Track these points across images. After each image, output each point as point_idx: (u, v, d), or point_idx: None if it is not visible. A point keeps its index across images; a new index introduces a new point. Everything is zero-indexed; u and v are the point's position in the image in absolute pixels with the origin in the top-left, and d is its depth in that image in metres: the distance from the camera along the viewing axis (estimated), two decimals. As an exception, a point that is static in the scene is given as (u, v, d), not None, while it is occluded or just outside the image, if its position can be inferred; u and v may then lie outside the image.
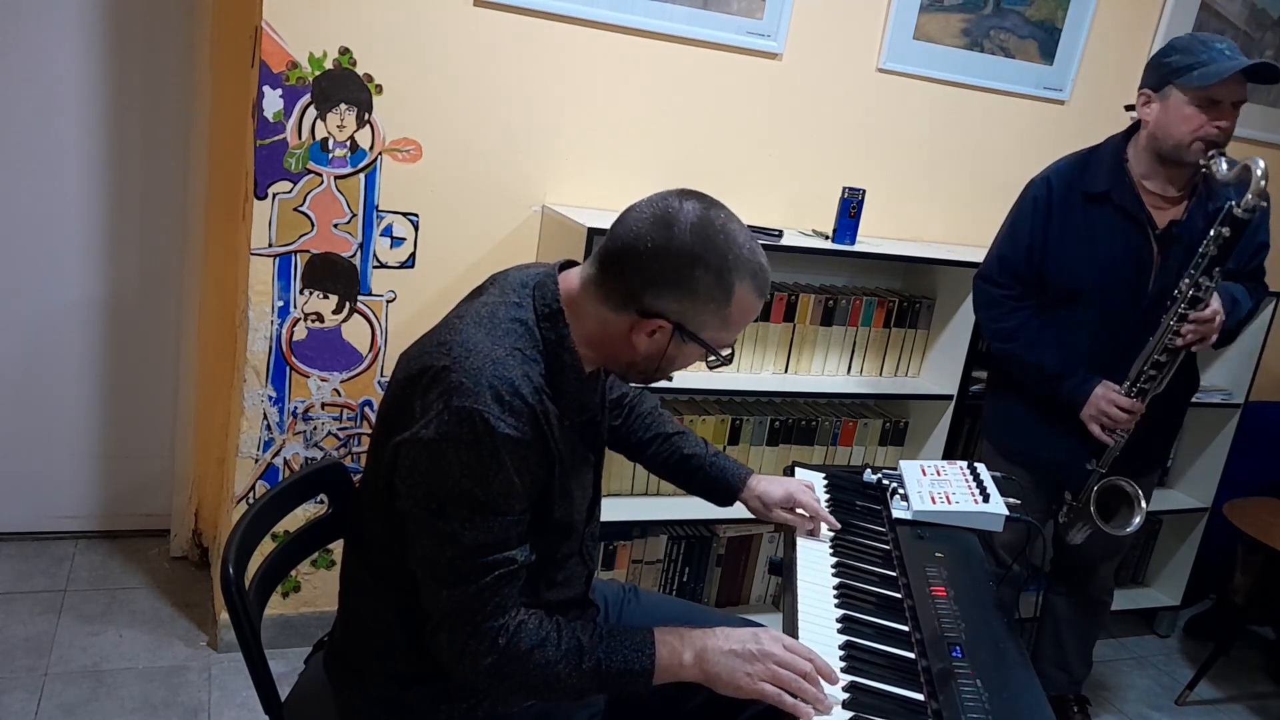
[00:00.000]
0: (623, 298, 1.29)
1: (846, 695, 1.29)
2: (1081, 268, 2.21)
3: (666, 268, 1.26)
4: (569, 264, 1.40)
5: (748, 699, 1.31)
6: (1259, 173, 1.94)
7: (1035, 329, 2.28)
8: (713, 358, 1.36)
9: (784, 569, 1.61)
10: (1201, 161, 2.07)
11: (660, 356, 1.33)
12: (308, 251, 2.33)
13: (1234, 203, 1.98)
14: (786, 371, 2.73)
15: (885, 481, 1.88)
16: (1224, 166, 2.02)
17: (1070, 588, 2.60)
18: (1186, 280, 2.07)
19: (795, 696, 1.27)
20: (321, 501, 1.59)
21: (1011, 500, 1.79)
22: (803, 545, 1.66)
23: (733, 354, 1.40)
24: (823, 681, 1.29)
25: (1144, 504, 2.21)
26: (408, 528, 1.28)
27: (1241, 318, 2.24)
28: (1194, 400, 2.47)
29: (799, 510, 1.70)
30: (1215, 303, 2.10)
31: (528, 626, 1.27)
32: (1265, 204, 1.98)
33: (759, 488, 1.70)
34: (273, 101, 2.20)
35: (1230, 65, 2.01)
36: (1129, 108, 2.24)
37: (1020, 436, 2.39)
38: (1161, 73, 2.12)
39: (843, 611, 1.48)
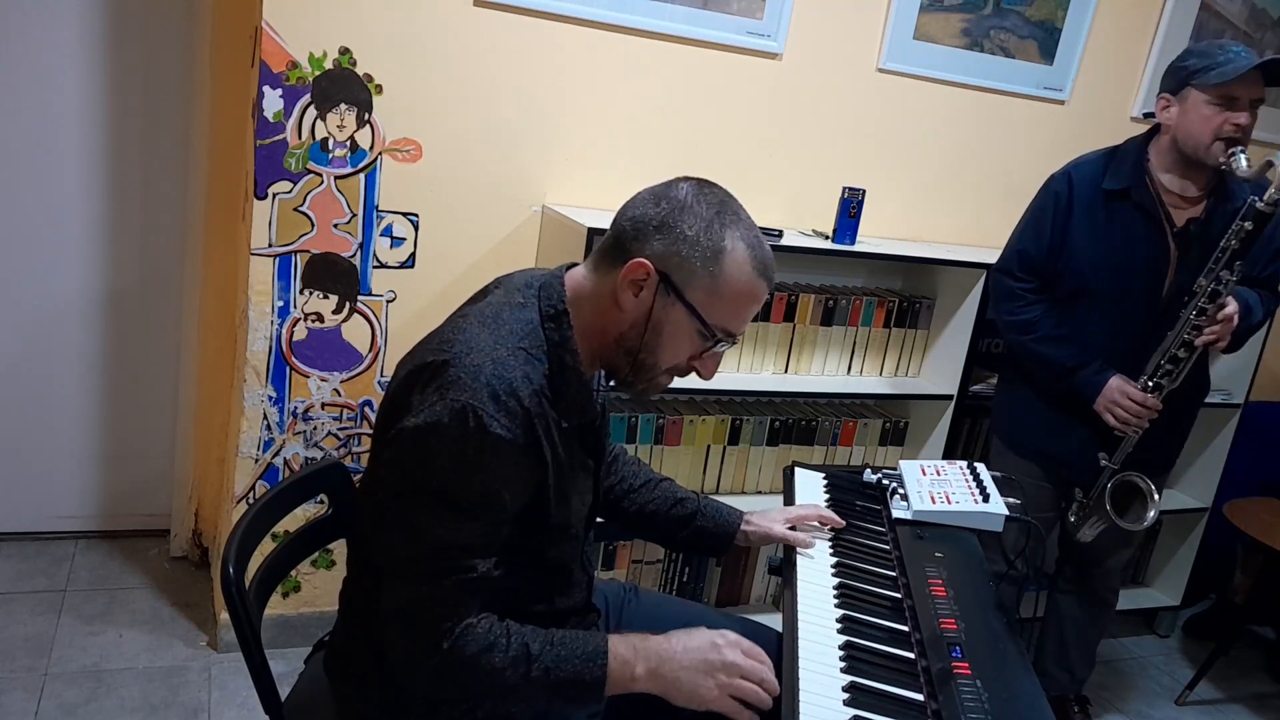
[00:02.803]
0: (614, 256, 1.30)
1: (847, 695, 1.29)
2: (1098, 265, 2.24)
3: (656, 214, 1.28)
4: (573, 266, 1.39)
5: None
6: None
7: (1053, 323, 2.30)
8: (706, 337, 1.31)
9: (784, 569, 1.61)
10: (1221, 160, 2.09)
11: (646, 321, 1.29)
12: (308, 251, 2.33)
13: (1256, 198, 2.01)
14: (786, 371, 2.73)
15: (885, 481, 1.89)
16: (1244, 163, 2.05)
17: (1077, 586, 2.60)
18: (1206, 277, 2.09)
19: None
20: (321, 501, 1.59)
21: (1011, 500, 1.79)
22: (803, 545, 1.67)
23: (729, 340, 1.33)
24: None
25: (1157, 498, 2.19)
26: (384, 519, 1.27)
27: (1252, 325, 2.26)
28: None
29: (805, 522, 1.71)
30: (1232, 304, 2.12)
31: (476, 630, 1.23)
32: None
33: (756, 519, 1.69)
34: (273, 101, 2.20)
35: (1246, 62, 2.06)
36: (1149, 115, 2.27)
37: (1030, 432, 2.40)
38: (1179, 76, 2.16)
39: (843, 611, 1.48)
